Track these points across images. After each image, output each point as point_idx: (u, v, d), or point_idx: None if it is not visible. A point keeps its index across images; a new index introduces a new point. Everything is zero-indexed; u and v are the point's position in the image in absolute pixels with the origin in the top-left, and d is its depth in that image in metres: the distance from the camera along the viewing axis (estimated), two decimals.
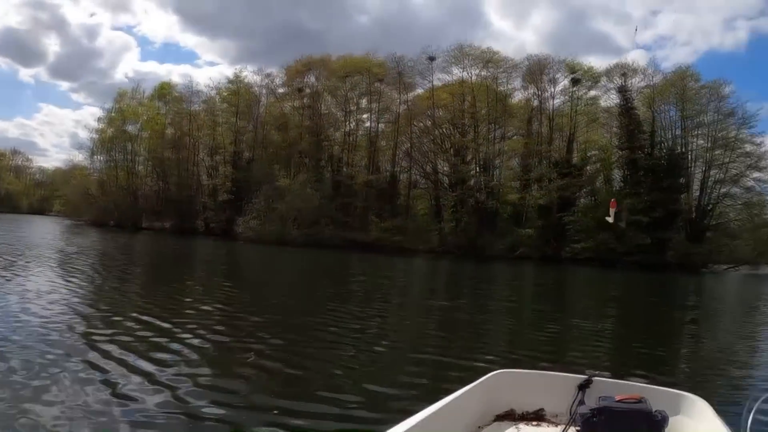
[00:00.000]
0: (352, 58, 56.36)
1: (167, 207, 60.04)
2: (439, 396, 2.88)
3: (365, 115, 57.80)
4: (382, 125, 57.52)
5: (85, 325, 9.16)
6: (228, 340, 8.84)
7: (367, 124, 57.84)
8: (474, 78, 54.56)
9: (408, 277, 26.93)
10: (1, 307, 10.14)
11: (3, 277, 14.09)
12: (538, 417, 3.12)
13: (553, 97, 53.90)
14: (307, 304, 14.01)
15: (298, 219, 47.80)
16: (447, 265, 36.19)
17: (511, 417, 3.13)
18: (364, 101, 57.06)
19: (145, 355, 7.29)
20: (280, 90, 60.12)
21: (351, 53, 57.58)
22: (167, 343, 8.19)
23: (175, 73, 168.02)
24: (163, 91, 65.66)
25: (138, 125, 65.67)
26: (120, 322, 9.55)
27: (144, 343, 8.07)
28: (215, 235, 52.25)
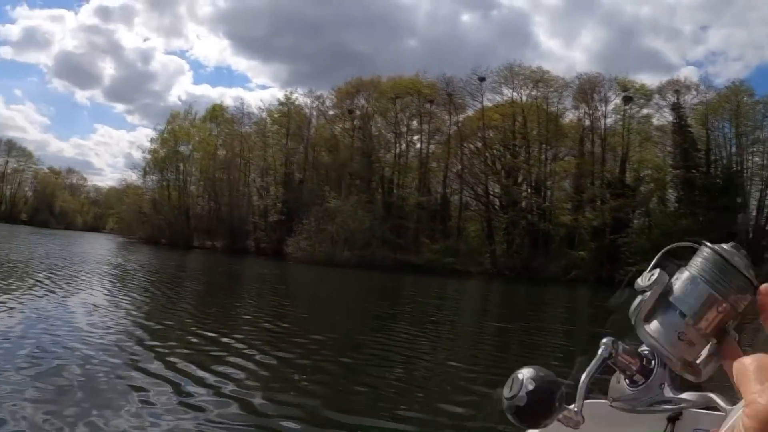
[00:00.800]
0: (402, 79, 56.63)
1: (218, 226, 60.96)
2: None
3: (416, 137, 58.09)
4: (432, 146, 57.62)
5: (149, 338, 9.40)
6: (288, 356, 8.84)
7: (417, 146, 58.06)
8: (524, 98, 54.28)
9: (465, 299, 26.84)
10: (68, 319, 10.38)
11: (67, 291, 14.52)
12: None
13: (605, 116, 53.14)
14: (364, 324, 14.05)
15: (349, 240, 47.94)
16: (500, 288, 35.80)
17: None
18: (415, 122, 57.38)
19: (207, 368, 7.39)
20: (331, 112, 60.91)
21: (401, 75, 57.92)
22: (229, 357, 8.28)
23: (227, 96, 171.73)
24: (215, 112, 67.06)
25: (190, 146, 67.10)
26: (182, 336, 9.78)
27: (206, 356, 8.19)
28: (265, 255, 52.72)
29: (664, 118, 51.37)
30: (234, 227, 59.10)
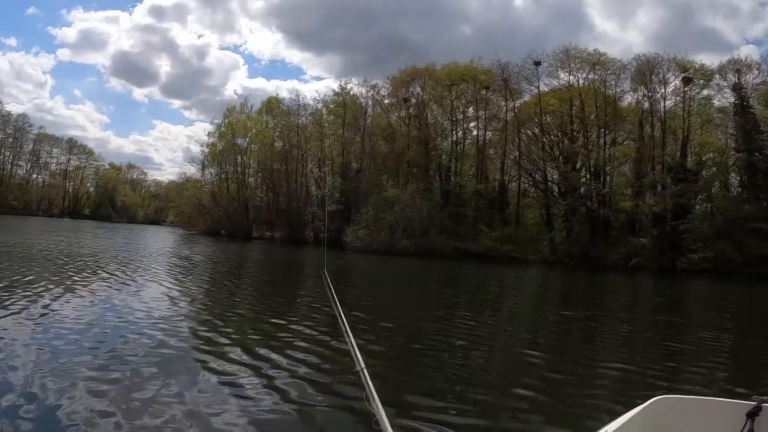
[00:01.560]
0: (457, 66, 56.38)
1: (277, 217, 62.25)
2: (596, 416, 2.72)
3: (472, 124, 57.85)
4: (489, 133, 57.18)
5: (221, 324, 9.69)
6: (359, 342, 8.88)
7: (474, 133, 57.83)
8: (581, 81, 53.13)
9: (525, 287, 26.61)
10: (143, 308, 10.60)
11: (140, 282, 14.95)
12: None
13: (665, 99, 51.50)
14: (428, 311, 14.12)
15: (407, 229, 48.26)
16: (560, 275, 35.38)
17: None
18: (471, 109, 57.10)
19: (276, 353, 7.64)
20: (386, 101, 61.08)
21: (455, 62, 57.53)
22: (298, 342, 8.50)
23: (282, 89, 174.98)
24: (271, 105, 68.35)
25: (247, 139, 68.64)
26: (251, 322, 10.21)
27: (275, 341, 8.45)
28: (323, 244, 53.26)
29: (725, 99, 49.55)
30: (292, 218, 60.23)
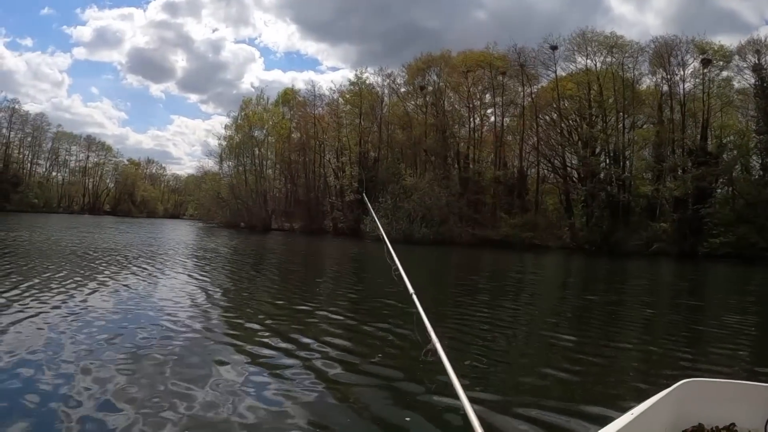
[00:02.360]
0: (473, 52, 56.06)
1: (296, 208, 62.68)
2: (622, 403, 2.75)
3: (489, 110, 57.46)
4: (507, 119, 56.91)
5: (250, 313, 9.95)
6: (386, 325, 9.10)
7: (492, 119, 57.51)
8: (599, 65, 52.50)
9: (546, 273, 26.50)
10: (173, 299, 10.86)
11: (169, 275, 15.31)
12: None
13: (684, 81, 50.72)
14: (451, 297, 14.34)
15: (426, 217, 48.29)
16: (581, 261, 35.13)
17: None
18: (488, 96, 56.74)
19: (297, 340, 7.85)
20: (402, 89, 61.02)
21: (471, 48, 57.31)
22: (319, 329, 8.77)
23: (298, 80, 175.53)
24: (287, 96, 68.60)
25: (264, 131, 68.93)
26: (276, 311, 10.42)
27: (298, 329, 8.70)
28: (343, 234, 53.76)
29: (745, 80, 48.72)
30: (311, 208, 60.58)
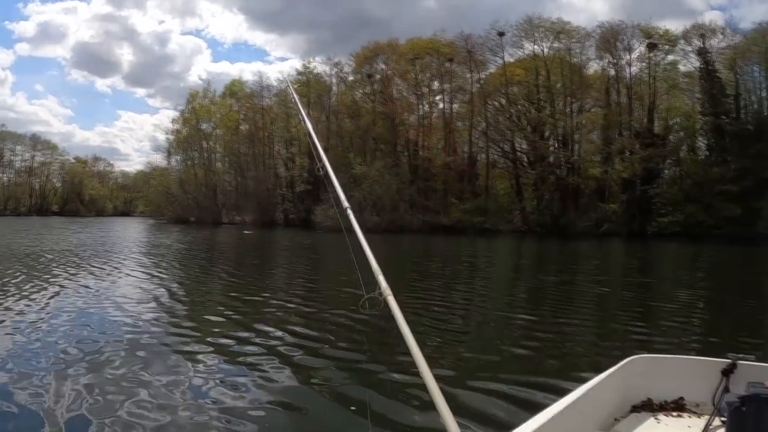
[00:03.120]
0: (420, 40, 55.79)
1: (246, 201, 61.54)
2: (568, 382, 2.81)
3: (438, 97, 57.37)
4: (456, 106, 56.85)
5: (199, 309, 9.77)
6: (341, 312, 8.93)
7: (441, 106, 57.38)
8: (546, 51, 53.13)
9: (498, 256, 26.55)
10: (103, 303, 10.31)
11: (121, 273, 14.72)
12: (678, 407, 2.89)
13: (630, 65, 51.62)
14: (405, 282, 13.93)
15: (377, 205, 47.78)
16: (533, 244, 35.38)
17: (648, 407, 2.91)
18: (436, 83, 56.56)
19: (248, 332, 7.75)
20: (350, 78, 60.41)
21: (419, 36, 57.07)
22: (273, 320, 8.64)
23: (247, 71, 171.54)
24: (234, 88, 67.25)
25: (212, 123, 67.51)
26: (229, 302, 10.22)
27: (248, 321, 8.60)
28: (294, 225, 53.05)
29: (690, 64, 49.79)
30: (261, 200, 59.60)
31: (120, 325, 8.15)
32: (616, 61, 51.83)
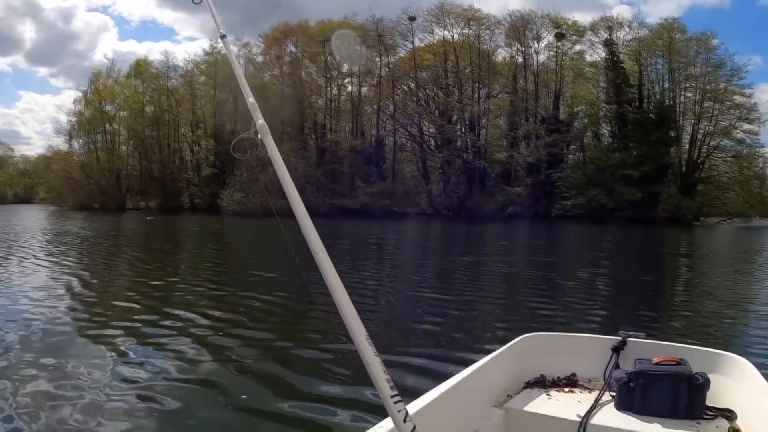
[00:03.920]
0: (331, 22, 55.05)
1: (151, 186, 59.40)
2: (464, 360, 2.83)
3: (347, 80, 57.02)
4: (365, 89, 56.74)
5: (97, 303, 9.10)
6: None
7: (349, 89, 57.12)
8: (456, 37, 53.75)
9: (403, 239, 26.49)
10: (13, 295, 9.68)
11: (21, 263, 13.75)
12: (570, 383, 2.96)
13: (538, 53, 53.33)
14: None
15: (283, 189, 46.86)
16: (440, 226, 35.71)
17: (541, 383, 2.98)
18: (345, 66, 55.98)
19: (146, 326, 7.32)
20: (259, 59, 59.05)
21: (329, 19, 56.26)
22: (175, 310, 8.23)
23: (154, 51, 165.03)
24: (140, 68, 64.29)
25: (116, 105, 64.47)
26: (129, 295, 9.63)
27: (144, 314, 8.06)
28: (200, 210, 51.62)
29: (597, 54, 51.67)
30: (167, 185, 57.78)
31: (30, 316, 7.69)
32: (524, 49, 53.11)
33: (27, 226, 32.83)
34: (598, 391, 2.72)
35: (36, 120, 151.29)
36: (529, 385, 2.95)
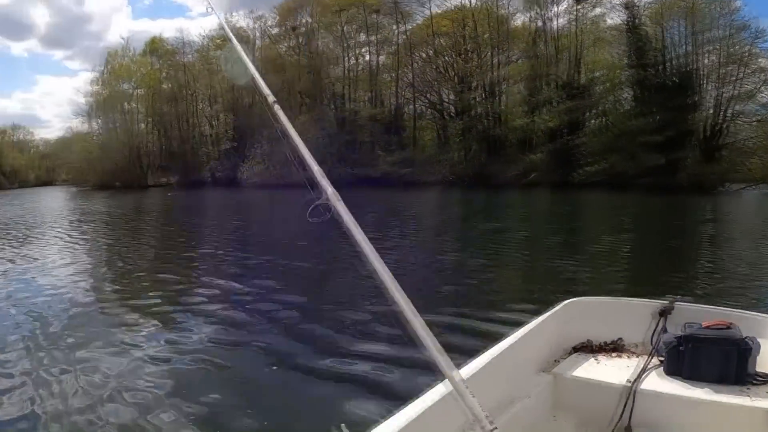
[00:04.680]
0: None
1: (171, 162, 59.71)
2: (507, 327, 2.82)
3: (364, 49, 56.40)
4: (382, 58, 56.07)
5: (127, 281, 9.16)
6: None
7: (367, 58, 56.49)
8: (474, 2, 52.69)
9: (425, 208, 26.51)
10: (26, 278, 9.89)
11: (21, 246, 13.99)
12: (617, 347, 2.98)
13: (557, 17, 51.98)
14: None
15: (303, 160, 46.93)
16: (461, 194, 35.60)
17: (587, 348, 2.99)
18: (362, 35, 55.58)
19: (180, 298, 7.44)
20: (274, 31, 58.70)
21: None
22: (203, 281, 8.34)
23: (169, 28, 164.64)
24: (155, 45, 64.37)
25: (132, 83, 64.68)
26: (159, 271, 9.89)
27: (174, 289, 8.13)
28: (222, 184, 51.83)
29: (617, 17, 50.30)
30: (187, 160, 58.02)
31: (53, 302, 7.63)
32: (543, 12, 51.94)
33: (53, 206, 33.36)
34: (645, 356, 2.74)
35: (54, 103, 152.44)
36: (575, 350, 2.98)
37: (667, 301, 2.96)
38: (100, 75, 66.18)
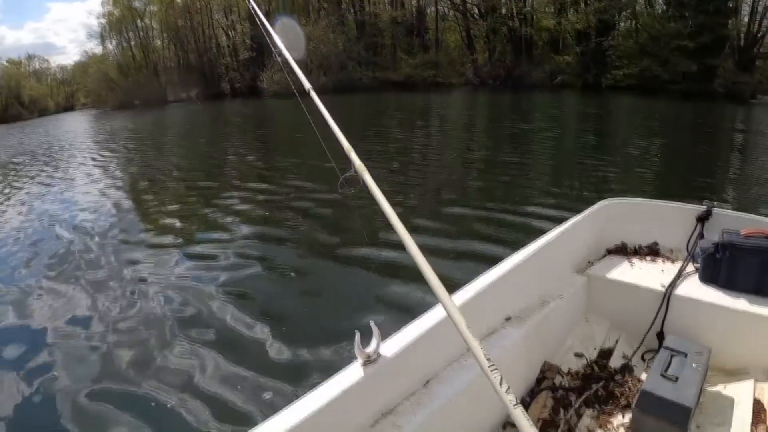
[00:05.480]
0: None
1: (190, 76, 58.91)
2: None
3: None
4: None
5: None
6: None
7: None
8: None
9: (450, 111, 25.85)
10: (65, 197, 10.18)
11: (54, 171, 13.98)
12: (652, 251, 2.91)
13: None
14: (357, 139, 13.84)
15: (323, 65, 46.02)
16: (487, 97, 35.08)
17: (622, 251, 2.95)
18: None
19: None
20: None
21: None
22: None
23: None
24: None
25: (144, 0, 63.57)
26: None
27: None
28: (242, 94, 51.39)
29: None
30: (206, 73, 57.40)
31: (80, 232, 7.59)
32: None
33: (77, 129, 33.30)
34: (681, 262, 2.69)
35: (68, 29, 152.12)
36: (610, 252, 2.95)
37: (705, 207, 2.84)
38: None
